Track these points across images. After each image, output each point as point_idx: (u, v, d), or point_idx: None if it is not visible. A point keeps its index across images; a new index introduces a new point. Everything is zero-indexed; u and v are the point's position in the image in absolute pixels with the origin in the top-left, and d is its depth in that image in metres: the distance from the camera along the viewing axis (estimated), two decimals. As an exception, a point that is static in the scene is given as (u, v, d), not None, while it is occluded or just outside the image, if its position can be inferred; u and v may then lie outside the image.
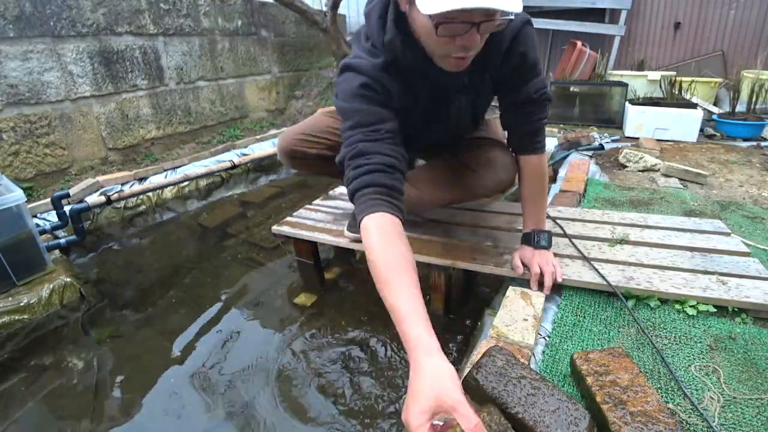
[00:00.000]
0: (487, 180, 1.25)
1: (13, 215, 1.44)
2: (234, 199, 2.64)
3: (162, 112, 3.00)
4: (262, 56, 3.80)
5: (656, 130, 2.70)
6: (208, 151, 2.95)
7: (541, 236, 1.13)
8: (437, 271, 1.29)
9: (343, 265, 1.72)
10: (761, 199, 1.73)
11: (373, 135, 0.84)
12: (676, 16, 4.32)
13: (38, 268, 1.55)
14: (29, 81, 2.25)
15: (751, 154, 2.37)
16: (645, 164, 2.11)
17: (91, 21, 2.48)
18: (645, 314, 1.00)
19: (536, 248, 1.12)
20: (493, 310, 1.14)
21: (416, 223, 1.51)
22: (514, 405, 0.68)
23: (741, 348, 0.89)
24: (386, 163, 0.81)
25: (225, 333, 1.38)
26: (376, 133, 0.84)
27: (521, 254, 1.15)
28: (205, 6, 3.19)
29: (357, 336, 1.32)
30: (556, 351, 0.91)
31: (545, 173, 1.17)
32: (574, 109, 3.29)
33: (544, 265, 1.08)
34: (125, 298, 1.63)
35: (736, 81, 2.93)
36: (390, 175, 0.81)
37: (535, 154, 1.13)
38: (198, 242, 2.08)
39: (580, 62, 4.06)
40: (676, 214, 1.53)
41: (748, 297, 0.98)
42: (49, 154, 2.39)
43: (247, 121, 3.75)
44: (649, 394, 0.70)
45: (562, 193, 1.76)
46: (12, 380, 1.22)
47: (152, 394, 1.15)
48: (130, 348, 1.34)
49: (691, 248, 1.22)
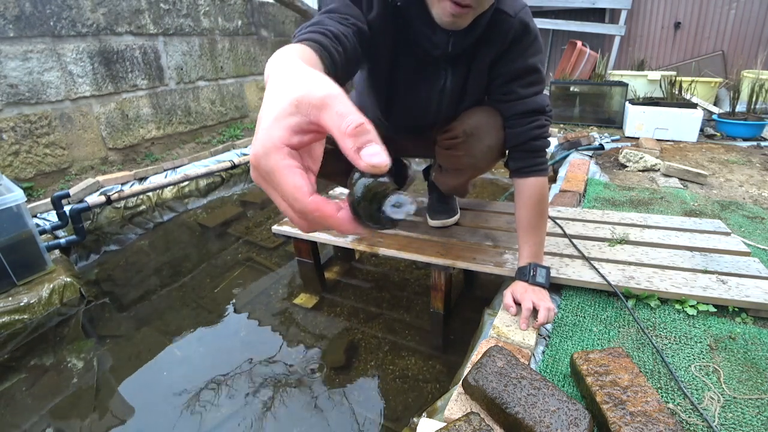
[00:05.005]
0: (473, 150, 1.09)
1: (13, 215, 1.44)
2: (234, 199, 2.64)
3: (162, 112, 3.00)
4: (262, 56, 3.80)
5: (656, 130, 2.70)
6: (208, 151, 2.95)
7: (537, 271, 1.00)
8: (437, 271, 1.29)
9: (343, 265, 1.72)
10: (761, 199, 1.73)
11: (341, 20, 0.75)
12: (676, 16, 4.33)
13: (38, 268, 1.55)
14: (29, 81, 2.25)
15: (751, 154, 2.37)
16: (645, 164, 2.11)
17: (91, 21, 2.48)
18: (645, 314, 1.00)
19: (531, 284, 0.99)
20: (493, 310, 1.14)
21: (416, 224, 1.51)
22: (514, 405, 0.68)
23: (741, 348, 0.89)
24: (334, 32, 0.68)
25: (225, 333, 1.38)
26: (344, 20, 0.76)
27: (513, 290, 1.01)
28: (205, 6, 3.19)
29: (357, 336, 1.32)
30: (556, 351, 0.91)
31: (543, 200, 1.03)
32: (574, 109, 3.29)
33: (538, 302, 0.95)
34: (125, 297, 1.63)
35: (736, 81, 2.94)
36: (332, 42, 0.65)
37: (531, 177, 1.03)
38: (198, 242, 2.08)
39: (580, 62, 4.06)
40: (676, 214, 1.53)
41: (749, 296, 0.98)
42: (49, 154, 2.39)
43: (247, 121, 3.75)
44: (649, 394, 0.70)
45: (562, 193, 1.76)
46: (12, 380, 1.22)
47: (152, 394, 1.15)
48: (130, 348, 1.34)
49: (691, 248, 1.22)
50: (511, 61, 0.98)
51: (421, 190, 1.71)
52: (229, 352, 1.28)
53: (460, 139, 1.08)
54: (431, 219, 1.46)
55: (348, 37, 0.71)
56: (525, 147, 1.03)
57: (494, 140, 1.07)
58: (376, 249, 1.37)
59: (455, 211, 1.47)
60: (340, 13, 0.77)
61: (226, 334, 1.37)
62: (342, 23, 0.73)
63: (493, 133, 1.07)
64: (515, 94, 1.01)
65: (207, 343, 1.34)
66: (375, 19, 0.84)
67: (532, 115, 1.01)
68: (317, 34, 0.64)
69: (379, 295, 1.52)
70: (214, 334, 1.38)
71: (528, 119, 1.01)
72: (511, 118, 1.04)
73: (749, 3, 4.00)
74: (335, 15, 0.76)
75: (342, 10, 0.78)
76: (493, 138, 1.07)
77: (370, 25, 0.83)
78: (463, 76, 1.03)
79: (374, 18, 0.84)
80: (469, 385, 0.75)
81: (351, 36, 0.72)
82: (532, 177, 1.03)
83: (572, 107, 3.30)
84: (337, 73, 0.65)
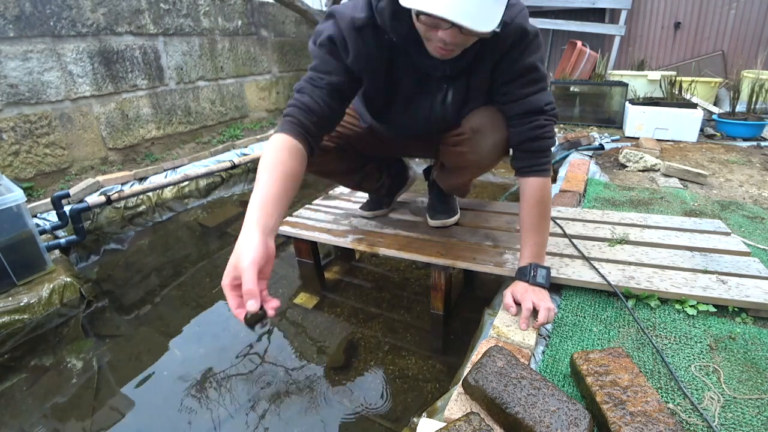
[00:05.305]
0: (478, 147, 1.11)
1: (13, 215, 1.44)
2: (234, 199, 2.64)
3: (162, 112, 3.00)
4: (262, 56, 3.80)
5: (656, 130, 2.70)
6: (208, 151, 2.95)
7: (538, 271, 1.00)
8: (437, 271, 1.29)
9: (344, 265, 1.72)
10: (761, 199, 1.73)
11: (317, 81, 0.94)
12: (676, 16, 4.33)
13: (38, 268, 1.55)
14: (29, 81, 2.25)
15: (751, 154, 2.37)
16: (645, 164, 2.11)
17: (91, 21, 2.48)
18: (645, 314, 1.00)
19: (531, 284, 0.99)
20: (493, 310, 1.14)
21: (416, 224, 1.51)
22: (514, 405, 0.68)
23: (741, 348, 0.89)
24: (309, 106, 0.92)
25: (225, 333, 1.38)
26: (320, 80, 0.94)
27: (513, 290, 1.01)
28: (205, 6, 3.19)
29: (357, 336, 1.32)
30: (556, 351, 0.91)
31: (543, 200, 1.03)
32: (574, 109, 3.29)
33: (538, 302, 0.95)
34: (125, 297, 1.63)
35: (736, 81, 2.94)
36: (307, 116, 0.91)
37: (535, 177, 1.02)
38: (198, 242, 2.08)
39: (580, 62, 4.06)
40: (676, 214, 1.53)
41: (749, 296, 0.98)
42: (49, 154, 2.39)
43: (247, 121, 3.75)
44: (649, 394, 0.70)
45: (562, 193, 1.76)
46: (12, 380, 1.22)
47: (152, 394, 1.15)
48: (130, 348, 1.34)
49: (691, 248, 1.22)
50: (509, 64, 0.98)
51: (421, 190, 1.71)
52: (228, 352, 1.28)
53: (466, 135, 1.10)
54: (431, 219, 1.46)
55: (322, 100, 0.93)
56: (523, 147, 1.04)
57: (499, 137, 1.09)
58: (376, 249, 1.37)
59: (455, 211, 1.48)
60: (318, 72, 0.94)
61: (225, 335, 1.37)
62: (317, 86, 0.93)
63: (498, 131, 1.08)
64: (513, 95, 1.02)
65: (207, 343, 1.34)
66: (360, 57, 0.94)
67: (531, 115, 1.01)
68: (294, 118, 0.90)
69: (379, 295, 1.52)
70: (213, 334, 1.38)
71: (527, 120, 1.01)
72: (512, 118, 1.04)
73: (749, 3, 3.99)
74: (315, 77, 0.94)
75: (320, 68, 0.95)
76: (498, 135, 1.08)
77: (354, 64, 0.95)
78: (465, 87, 1.05)
79: (358, 57, 0.94)
80: (469, 385, 0.75)
81: (325, 97, 0.93)
82: (531, 177, 1.03)
83: (572, 107, 3.30)
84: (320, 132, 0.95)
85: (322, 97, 0.93)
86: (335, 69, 0.94)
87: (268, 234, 0.74)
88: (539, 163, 1.03)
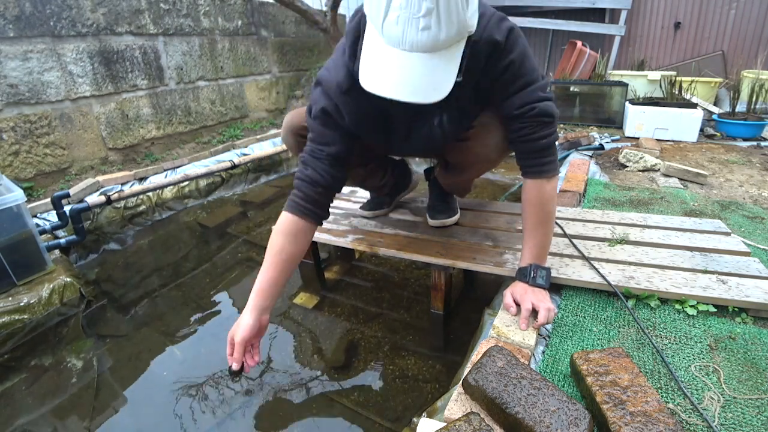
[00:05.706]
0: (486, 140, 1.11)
1: (13, 215, 1.44)
2: (234, 199, 2.64)
3: (162, 112, 3.00)
4: (262, 56, 3.80)
5: (656, 130, 2.70)
6: (208, 151, 2.95)
7: (538, 272, 1.00)
8: (437, 271, 1.29)
9: (344, 265, 1.72)
10: (761, 199, 1.73)
11: (317, 153, 1.02)
12: (676, 16, 4.33)
13: (38, 268, 1.55)
14: (29, 81, 2.25)
15: (751, 154, 2.37)
16: (645, 164, 2.11)
17: (91, 21, 2.48)
18: (645, 314, 1.00)
19: (531, 285, 0.99)
20: (493, 310, 1.14)
21: (416, 224, 1.51)
22: (514, 405, 0.68)
23: (741, 348, 0.89)
24: (313, 178, 1.01)
25: (225, 333, 1.37)
26: (320, 152, 1.01)
27: (513, 291, 1.01)
28: (205, 6, 3.19)
29: (357, 335, 1.32)
30: (556, 351, 0.91)
31: (543, 202, 1.01)
32: (574, 109, 3.29)
33: (537, 303, 0.95)
34: (125, 298, 1.63)
35: (736, 81, 2.94)
36: (313, 188, 1.01)
37: (536, 178, 1.01)
38: (198, 242, 2.08)
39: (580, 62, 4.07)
40: (676, 214, 1.53)
41: (749, 296, 0.98)
42: (49, 154, 2.39)
43: (247, 121, 3.75)
44: (649, 394, 0.70)
45: (562, 193, 1.76)
46: (12, 380, 1.22)
47: (152, 395, 1.15)
48: (130, 348, 1.34)
49: (691, 248, 1.22)
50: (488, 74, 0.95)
51: (421, 190, 1.71)
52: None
53: (475, 128, 1.10)
54: (431, 219, 1.46)
55: (324, 171, 1.01)
56: (521, 148, 1.03)
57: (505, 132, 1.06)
58: (376, 249, 1.37)
59: (455, 210, 1.48)
60: (317, 144, 1.02)
61: (225, 334, 1.36)
62: (318, 158, 1.01)
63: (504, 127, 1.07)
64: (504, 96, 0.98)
65: (207, 343, 1.34)
66: (355, 117, 0.99)
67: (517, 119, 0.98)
68: (300, 193, 1.01)
69: (379, 295, 1.52)
70: (213, 334, 1.38)
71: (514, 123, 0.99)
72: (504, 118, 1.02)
73: (749, 3, 4.00)
74: (315, 149, 1.01)
75: (318, 140, 1.02)
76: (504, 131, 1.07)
77: (352, 125, 1.00)
78: (456, 110, 1.03)
79: (354, 117, 0.99)
80: (469, 385, 0.75)
81: (327, 168, 1.01)
82: (530, 178, 1.02)
83: (572, 107, 3.30)
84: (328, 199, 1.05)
85: (324, 168, 1.01)
86: (332, 139, 1.01)
87: (262, 312, 0.99)
88: (537, 163, 1.00)
